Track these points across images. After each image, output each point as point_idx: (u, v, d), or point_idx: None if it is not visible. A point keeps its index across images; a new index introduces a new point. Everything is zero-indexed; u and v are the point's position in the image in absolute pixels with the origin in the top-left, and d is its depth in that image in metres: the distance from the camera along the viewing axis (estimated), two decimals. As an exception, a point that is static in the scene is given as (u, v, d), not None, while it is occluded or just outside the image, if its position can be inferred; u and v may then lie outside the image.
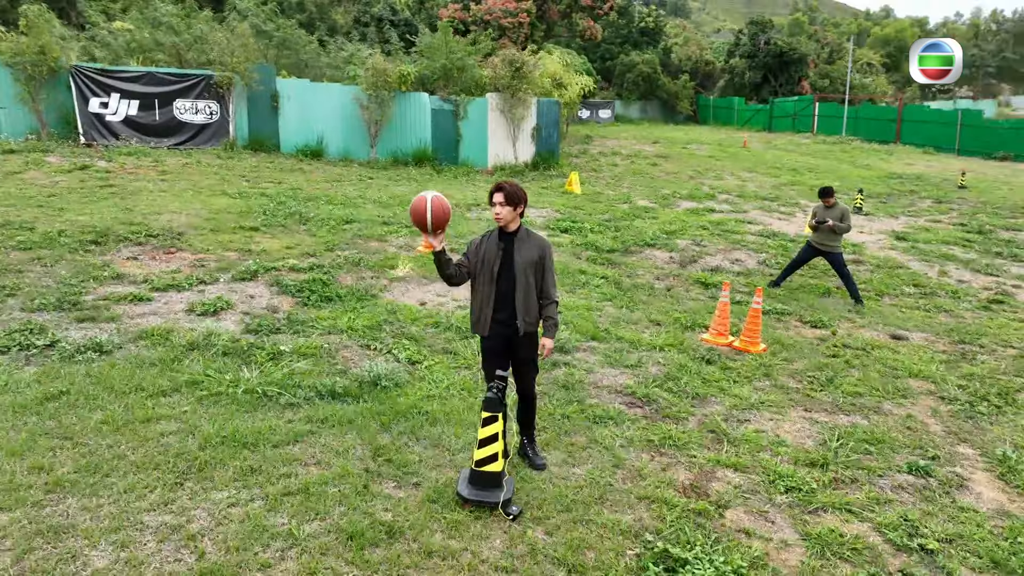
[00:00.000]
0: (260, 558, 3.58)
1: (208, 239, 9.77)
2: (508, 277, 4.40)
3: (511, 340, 4.51)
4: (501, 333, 4.47)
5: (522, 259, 4.41)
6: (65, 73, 17.44)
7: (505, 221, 4.39)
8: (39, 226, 9.50)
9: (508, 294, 4.42)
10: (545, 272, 4.51)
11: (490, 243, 4.44)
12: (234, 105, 18.67)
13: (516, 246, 4.43)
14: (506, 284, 4.40)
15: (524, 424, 4.87)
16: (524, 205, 4.48)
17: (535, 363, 4.69)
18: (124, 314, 6.76)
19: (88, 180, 13.51)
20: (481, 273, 4.43)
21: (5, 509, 3.72)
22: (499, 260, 4.39)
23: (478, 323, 4.49)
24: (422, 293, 8.40)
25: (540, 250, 4.49)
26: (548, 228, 12.60)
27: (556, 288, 4.67)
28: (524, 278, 4.42)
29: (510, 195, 4.37)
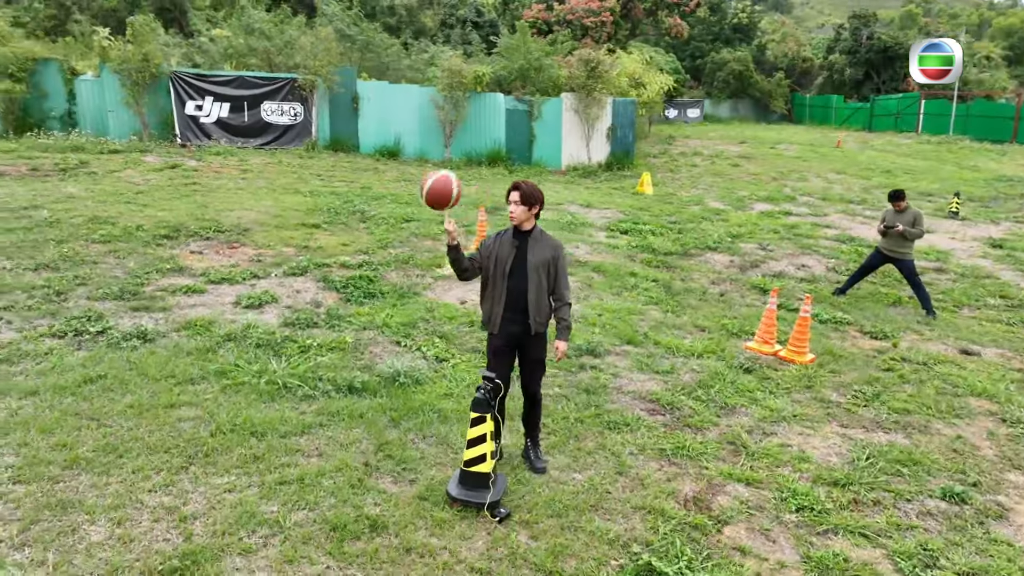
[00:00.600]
0: (243, 543, 3.73)
1: (271, 235, 10.22)
2: (520, 276, 4.39)
3: (521, 340, 4.50)
4: (511, 332, 4.46)
5: (535, 259, 4.40)
6: (165, 78, 18.65)
7: (519, 220, 4.39)
8: (121, 221, 10.21)
9: (520, 293, 4.41)
10: (558, 273, 4.48)
11: (504, 241, 4.44)
12: (316, 107, 19.42)
13: (530, 245, 4.42)
14: (518, 283, 4.39)
15: (528, 426, 4.84)
16: (540, 206, 4.46)
17: (543, 364, 4.66)
18: (176, 305, 7.17)
19: (176, 178, 14.39)
20: (494, 271, 4.44)
21: (23, 481, 4.04)
22: (512, 259, 4.39)
23: (489, 321, 4.49)
24: (464, 292, 8.48)
25: (553, 251, 4.47)
26: (608, 230, 12.45)
27: (569, 291, 4.62)
28: (536, 278, 4.41)
29: (526, 195, 4.36)
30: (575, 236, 11.65)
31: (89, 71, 19.00)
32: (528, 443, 4.87)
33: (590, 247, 11.08)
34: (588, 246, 11.12)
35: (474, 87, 19.59)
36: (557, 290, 4.51)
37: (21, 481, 4.04)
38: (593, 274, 9.68)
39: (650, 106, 24.34)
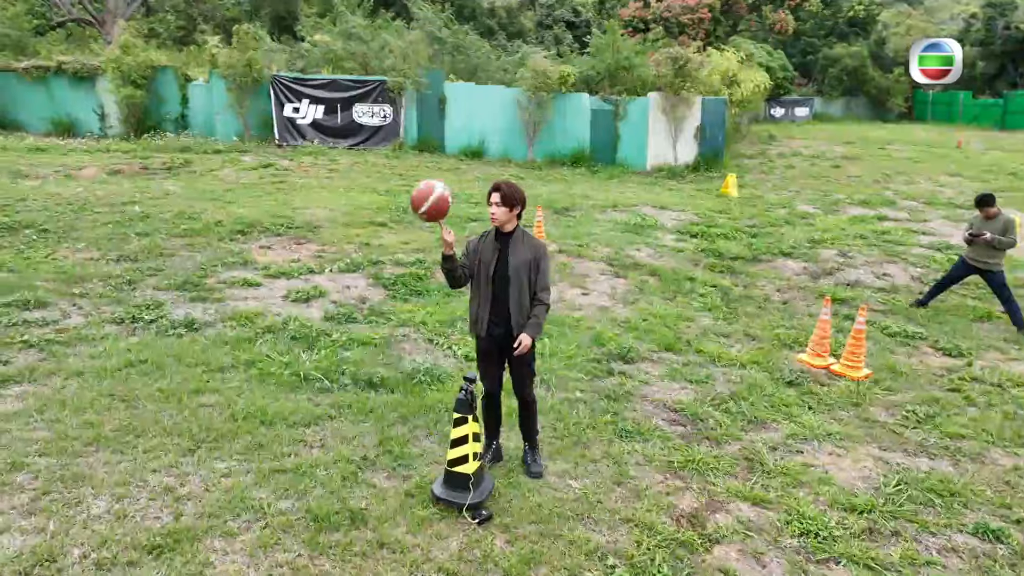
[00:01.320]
0: (227, 527, 3.91)
1: (337, 232, 10.62)
2: (503, 278, 4.37)
3: (505, 342, 4.48)
4: (496, 335, 4.46)
5: (516, 260, 4.37)
6: (266, 82, 19.74)
7: (500, 222, 4.37)
8: (205, 216, 10.90)
9: (503, 295, 4.40)
10: (539, 274, 4.42)
11: (487, 244, 4.44)
12: (405, 108, 19.97)
13: (511, 247, 4.39)
14: (501, 285, 4.38)
15: (523, 429, 4.80)
16: (521, 207, 4.43)
17: (531, 367, 4.61)
18: (230, 297, 7.60)
19: (265, 177, 15.21)
20: (478, 274, 4.45)
21: (47, 455, 4.41)
22: (495, 261, 4.38)
23: (475, 323, 4.50)
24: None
25: (534, 251, 4.42)
26: (677, 232, 12.11)
27: (549, 292, 4.52)
28: (518, 279, 4.38)
29: (507, 196, 4.33)
30: (638, 238, 11.40)
31: (200, 77, 20.39)
32: (526, 447, 4.83)
33: (653, 250, 10.82)
34: (651, 249, 10.86)
35: (559, 87, 19.54)
36: (536, 290, 4.43)
37: (45, 454, 4.41)
38: (648, 278, 9.45)
39: (745, 104, 23.41)
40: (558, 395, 5.90)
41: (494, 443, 4.82)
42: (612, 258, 10.12)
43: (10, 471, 4.22)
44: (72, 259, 8.55)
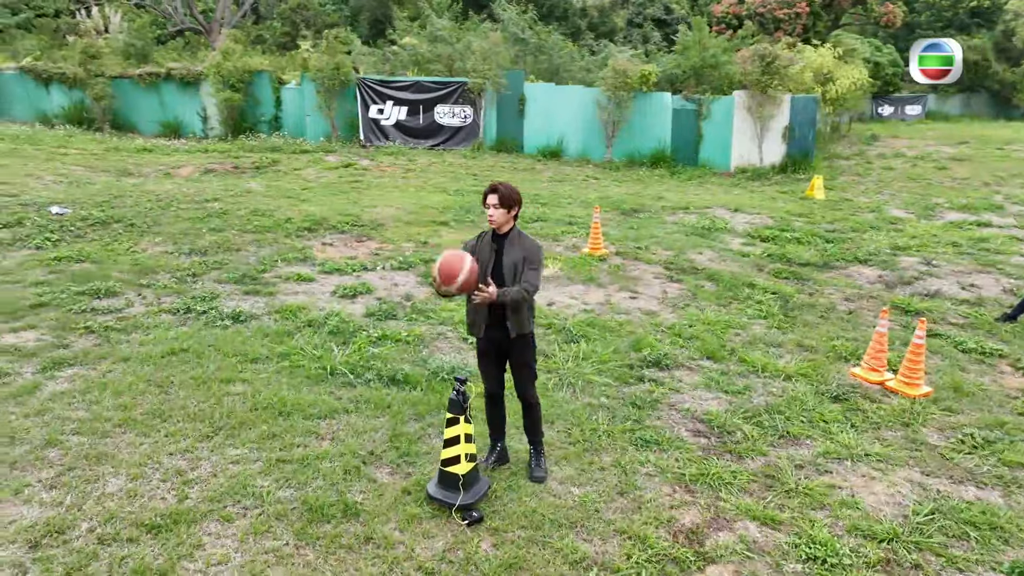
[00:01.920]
0: (225, 512, 4.07)
1: (399, 231, 10.86)
2: (498, 279, 4.35)
3: (503, 343, 4.45)
4: (493, 336, 4.44)
5: (510, 261, 4.35)
6: (353, 85, 20.43)
7: (498, 223, 4.34)
8: (277, 213, 11.41)
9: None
10: (527, 266, 4.31)
11: (483, 245, 4.43)
12: (484, 109, 20.17)
13: (506, 249, 4.36)
14: (497, 286, 4.35)
15: (527, 432, 4.75)
16: (518, 207, 4.40)
17: (531, 368, 4.56)
18: (282, 291, 7.91)
19: (344, 176, 15.75)
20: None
21: (79, 433, 4.73)
22: (491, 262, 4.36)
23: (473, 325, 4.50)
24: (556, 294, 8.42)
25: (524, 251, 4.36)
26: (747, 236, 11.64)
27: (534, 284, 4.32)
28: (512, 280, 4.35)
29: (504, 197, 4.31)
30: (703, 241, 11.04)
31: (293, 80, 21.35)
32: (531, 450, 4.77)
33: (716, 254, 10.45)
34: (714, 252, 10.49)
35: (640, 87, 19.20)
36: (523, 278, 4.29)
37: (78, 433, 4.74)
38: (705, 282, 9.13)
39: (840, 103, 22.20)
40: (582, 399, 5.80)
41: (499, 445, 4.79)
42: (670, 261, 9.85)
43: (44, 447, 4.56)
44: (149, 252, 9.15)
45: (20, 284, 7.61)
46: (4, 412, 4.93)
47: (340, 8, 40.97)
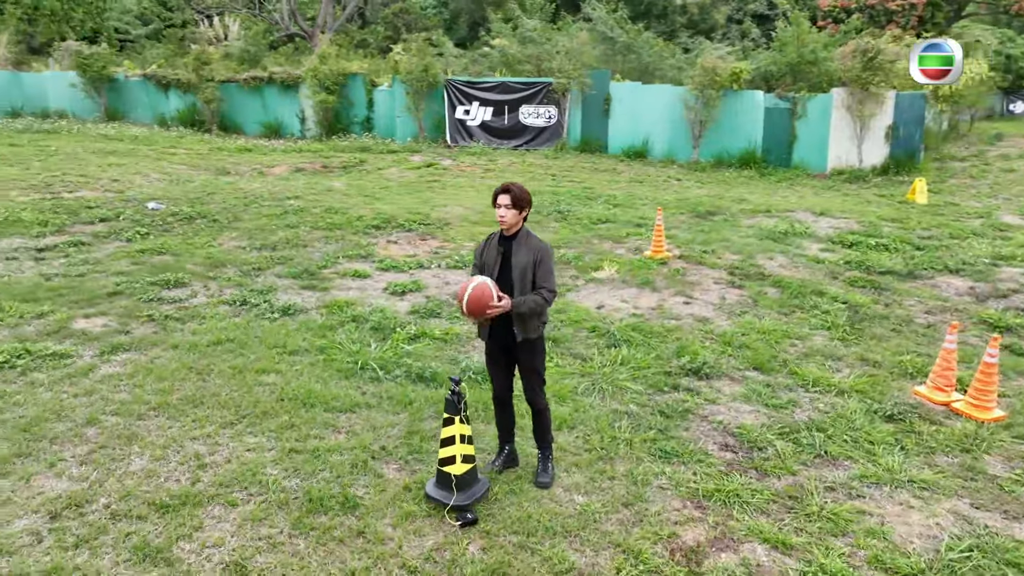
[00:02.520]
0: (231, 496, 4.24)
1: (463, 230, 10.97)
2: (506, 281, 4.30)
3: (510, 347, 4.40)
4: (500, 339, 4.39)
5: (518, 263, 4.28)
6: (441, 86, 20.83)
7: (509, 224, 4.29)
8: (351, 211, 11.79)
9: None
10: (540, 270, 4.25)
11: (491, 246, 4.39)
12: (569, 109, 20.07)
13: (514, 250, 4.30)
14: (504, 289, 4.30)
15: (536, 437, 4.67)
16: (529, 209, 4.34)
17: (538, 372, 4.48)
18: (336, 286, 8.16)
19: (424, 176, 16.09)
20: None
21: (118, 414, 5.05)
22: (498, 264, 4.32)
23: (480, 328, 4.47)
24: (608, 297, 8.25)
25: (535, 253, 4.28)
26: (827, 241, 10.99)
27: (552, 289, 4.30)
28: (521, 283, 4.28)
29: (517, 198, 4.26)
30: (777, 246, 10.51)
31: (385, 83, 22.02)
32: (539, 455, 4.70)
33: (788, 259, 9.92)
34: (786, 258, 9.97)
35: (730, 85, 18.53)
36: (539, 283, 4.25)
37: (117, 414, 5.07)
38: (769, 289, 8.69)
39: (956, 100, 20.58)
40: (610, 405, 5.65)
41: (507, 448, 4.74)
42: (735, 267, 9.44)
43: (85, 425, 4.90)
44: (225, 246, 9.67)
45: (104, 273, 8.23)
46: (58, 391, 5.34)
47: (440, 11, 41.88)
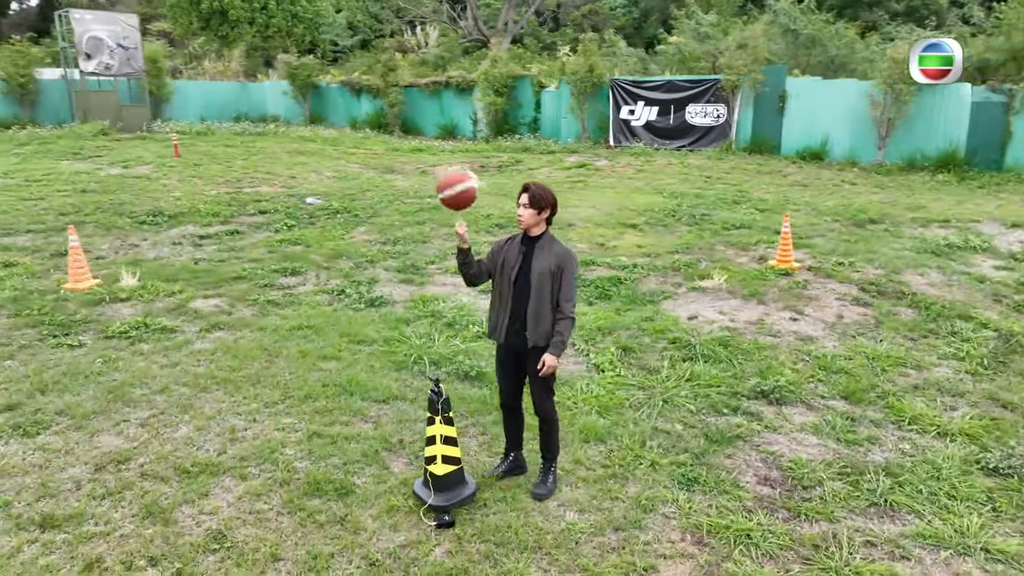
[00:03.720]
0: (244, 471, 4.55)
1: (584, 232, 10.80)
2: (524, 284, 4.19)
3: (520, 353, 4.29)
4: (513, 343, 4.29)
5: (538, 267, 4.15)
6: (606, 86, 20.65)
7: (527, 224, 4.18)
8: (482, 210, 12.08)
9: (522, 303, 4.22)
10: (563, 284, 4.15)
11: (513, 247, 4.29)
12: (739, 107, 18.96)
13: (535, 253, 4.18)
14: (521, 292, 4.20)
15: (541, 447, 4.51)
16: (552, 211, 4.19)
17: (546, 381, 4.32)
18: (432, 282, 8.42)
19: (572, 176, 16.07)
20: (500, 278, 4.31)
21: (187, 385, 5.63)
22: (518, 265, 4.21)
23: (495, 330, 4.35)
24: (706, 307, 7.70)
25: (558, 259, 4.14)
26: (1009, 258, 9.37)
27: (573, 304, 4.20)
28: (539, 288, 4.15)
29: (535, 197, 4.14)
30: (936, 261, 9.15)
31: (552, 84, 22.26)
32: (541, 465, 4.53)
33: (943, 277, 8.60)
34: (940, 275, 8.65)
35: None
36: (559, 302, 4.17)
37: (186, 384, 5.65)
38: (903, 309, 7.60)
39: None
40: (655, 422, 5.29)
41: (512, 455, 4.61)
42: (872, 282, 8.37)
43: (158, 392, 5.53)
44: (354, 239, 10.37)
45: (241, 260, 9.19)
46: (151, 361, 6.07)
47: (630, 10, 41.43)
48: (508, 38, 30.20)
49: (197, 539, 3.91)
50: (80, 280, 7.87)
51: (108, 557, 3.75)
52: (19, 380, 5.63)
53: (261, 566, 3.74)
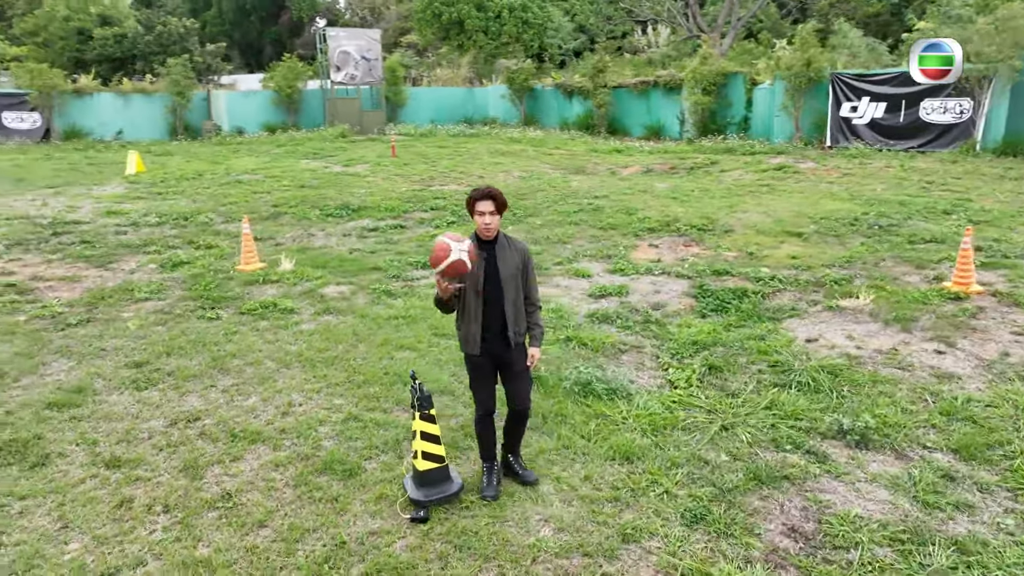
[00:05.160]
0: (279, 442, 4.94)
1: (740, 239, 9.99)
2: (494, 288, 4.11)
3: (502, 355, 4.20)
4: (490, 349, 4.21)
5: (506, 268, 4.08)
6: (826, 81, 18.80)
7: (494, 230, 4.10)
8: (642, 212, 11.72)
9: (495, 306, 4.14)
10: (528, 277, 4.22)
11: None
12: (988, 102, 16.16)
13: (498, 255, 4.09)
14: (492, 296, 4.13)
15: (512, 440, 4.45)
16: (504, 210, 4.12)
17: (528, 374, 4.28)
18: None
19: (763, 180, 14.91)
20: (467, 288, 4.20)
21: (274, 361, 6.23)
22: (483, 272, 4.13)
23: (467, 342, 4.23)
24: (833, 330, 6.74)
25: (521, 255, 4.14)
26: None
27: (538, 292, 4.32)
28: (513, 288, 4.11)
29: (501, 203, 4.09)
30: None
31: (766, 80, 20.74)
32: (509, 458, 4.48)
33: None
34: None
35: None
36: (529, 294, 4.23)
37: (274, 360, 6.25)
38: (1098, 352, 6.00)
39: None
40: (699, 449, 4.81)
41: (495, 465, 4.45)
42: (1075, 314, 6.72)
43: (250, 364, 6.20)
44: (501, 237, 10.63)
45: (388, 252, 9.91)
46: (261, 336, 6.82)
47: (883, -2, 37.06)
48: (731, 33, 28.62)
49: (209, 496, 4.36)
50: (249, 263, 9.06)
51: (138, 499, 4.34)
52: (157, 344, 6.67)
53: (246, 529, 4.07)
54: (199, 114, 27.53)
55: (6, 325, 7.14)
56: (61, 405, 5.48)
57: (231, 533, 4.03)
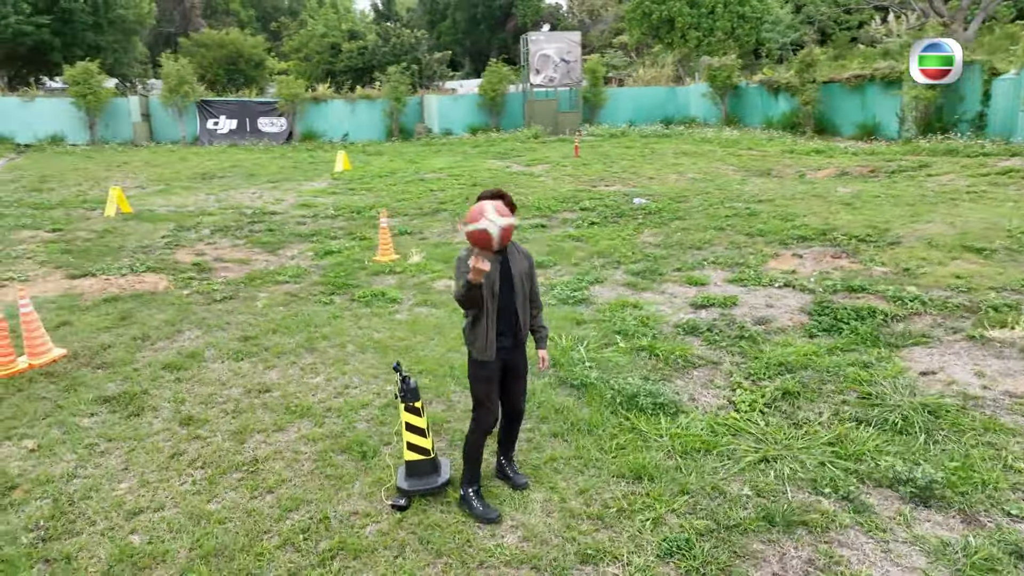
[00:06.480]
0: (322, 419, 5.29)
1: (903, 252, 8.72)
2: (508, 290, 4.10)
3: (511, 358, 4.19)
4: (502, 353, 4.17)
5: (517, 270, 4.12)
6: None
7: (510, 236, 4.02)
8: (802, 219, 10.68)
9: (510, 310, 4.13)
10: (533, 280, 4.28)
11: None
12: None
13: (510, 258, 4.09)
14: (506, 298, 4.11)
15: (508, 442, 4.39)
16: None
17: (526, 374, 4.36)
18: (654, 289, 7.92)
19: (976, 186, 12.97)
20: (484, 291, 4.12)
21: (355, 345, 6.64)
22: (498, 275, 4.09)
23: (486, 348, 4.17)
24: (963, 365, 5.64)
25: (527, 257, 4.22)
26: None
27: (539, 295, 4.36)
28: (522, 290, 4.15)
29: (510, 205, 4.07)
30: None
31: (1012, 69, 17.69)
32: (503, 460, 4.40)
33: None
34: None
35: None
36: (535, 298, 4.29)
37: (355, 344, 6.65)
38: None
39: None
40: (725, 479, 4.37)
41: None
42: None
43: (335, 346, 6.67)
44: (639, 240, 10.31)
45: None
46: (356, 322, 7.30)
47: None
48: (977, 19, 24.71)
49: (240, 459, 4.82)
50: (384, 254, 9.74)
51: (186, 454, 4.92)
52: (271, 322, 7.44)
53: (256, 493, 4.45)
54: (413, 117, 29.89)
55: (172, 297, 8.40)
56: (174, 367, 6.35)
57: (242, 494, 4.43)
